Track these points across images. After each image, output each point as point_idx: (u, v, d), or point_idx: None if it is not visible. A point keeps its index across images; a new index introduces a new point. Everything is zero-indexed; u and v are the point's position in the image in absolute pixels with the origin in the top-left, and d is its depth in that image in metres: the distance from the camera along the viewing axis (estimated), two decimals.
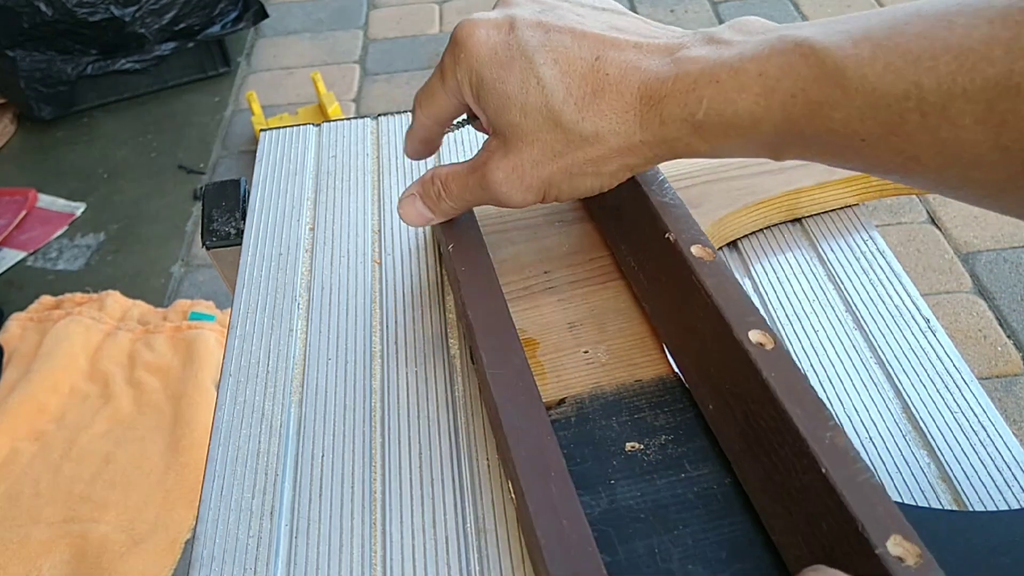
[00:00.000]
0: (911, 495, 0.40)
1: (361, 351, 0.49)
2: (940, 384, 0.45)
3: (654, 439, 0.40)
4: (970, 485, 0.40)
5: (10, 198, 1.91)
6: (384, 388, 0.47)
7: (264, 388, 0.48)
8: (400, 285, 0.53)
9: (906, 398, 0.44)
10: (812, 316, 0.49)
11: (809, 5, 2.31)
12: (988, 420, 0.43)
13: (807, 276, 0.51)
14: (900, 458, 0.42)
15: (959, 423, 0.43)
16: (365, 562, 0.39)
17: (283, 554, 0.40)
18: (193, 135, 2.11)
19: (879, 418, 0.43)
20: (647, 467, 0.39)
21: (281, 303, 0.53)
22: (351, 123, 0.68)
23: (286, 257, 0.55)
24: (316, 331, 0.51)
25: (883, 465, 0.41)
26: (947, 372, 0.45)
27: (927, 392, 0.44)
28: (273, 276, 0.54)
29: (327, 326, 0.51)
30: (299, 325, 0.51)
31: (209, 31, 2.19)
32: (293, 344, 0.50)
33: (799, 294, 0.50)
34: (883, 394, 0.45)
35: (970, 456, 0.41)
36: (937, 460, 0.42)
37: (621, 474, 0.39)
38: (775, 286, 0.51)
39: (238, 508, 0.42)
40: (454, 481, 0.42)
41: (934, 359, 0.46)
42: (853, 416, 0.44)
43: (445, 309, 0.51)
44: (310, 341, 0.50)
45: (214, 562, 0.40)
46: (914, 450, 0.42)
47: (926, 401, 0.44)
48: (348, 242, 0.56)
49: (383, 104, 2.12)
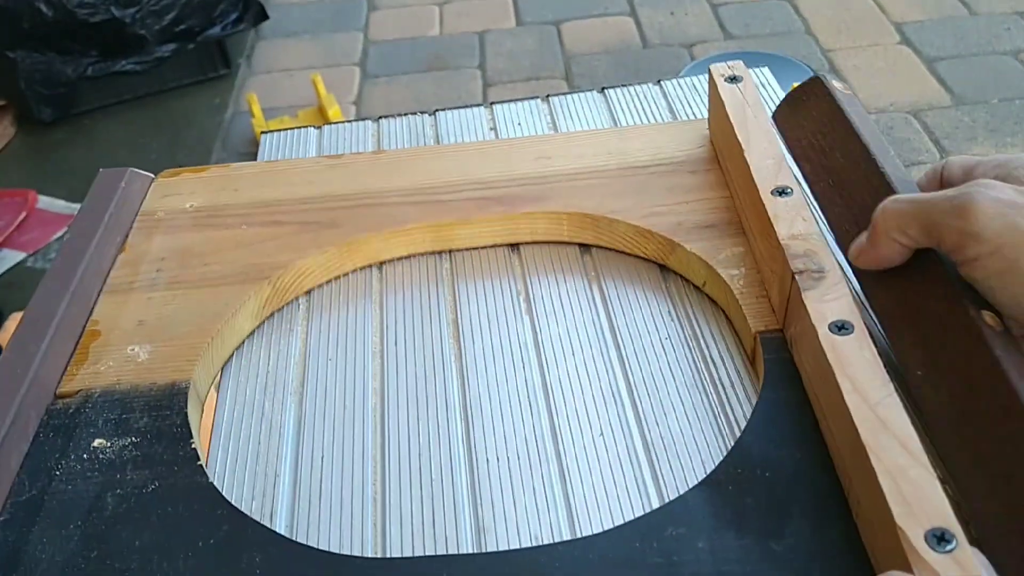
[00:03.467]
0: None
1: (361, 351, 0.49)
2: None
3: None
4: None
5: (10, 199, 1.91)
6: (384, 388, 0.47)
7: (264, 388, 0.48)
8: (400, 285, 0.53)
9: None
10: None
11: (808, 7, 2.31)
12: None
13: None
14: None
15: None
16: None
17: None
18: (193, 137, 2.10)
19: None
20: None
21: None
22: (351, 125, 0.68)
23: None
24: (316, 331, 0.51)
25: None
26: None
27: None
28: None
29: (327, 326, 0.51)
30: (299, 325, 0.51)
31: (209, 33, 2.19)
32: (293, 344, 0.50)
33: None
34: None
35: None
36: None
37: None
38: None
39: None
40: (454, 481, 0.42)
41: None
42: None
43: (445, 309, 0.51)
44: (310, 341, 0.50)
45: None
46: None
47: None
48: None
49: (383, 106, 2.11)
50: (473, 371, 0.47)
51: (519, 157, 0.58)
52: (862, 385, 0.37)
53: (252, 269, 0.52)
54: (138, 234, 0.57)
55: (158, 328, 0.50)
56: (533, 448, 0.43)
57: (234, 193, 0.59)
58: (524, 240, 0.55)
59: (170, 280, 0.53)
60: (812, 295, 0.41)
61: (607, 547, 0.37)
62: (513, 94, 2.08)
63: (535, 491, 0.41)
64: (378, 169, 0.59)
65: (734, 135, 0.51)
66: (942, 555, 0.30)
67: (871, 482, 0.34)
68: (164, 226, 0.57)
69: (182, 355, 0.48)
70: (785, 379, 0.43)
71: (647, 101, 0.67)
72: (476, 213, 0.55)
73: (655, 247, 0.52)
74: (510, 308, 0.51)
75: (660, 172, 0.56)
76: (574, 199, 0.55)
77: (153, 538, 0.39)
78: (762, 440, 0.40)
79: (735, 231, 0.51)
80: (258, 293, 0.51)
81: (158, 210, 0.58)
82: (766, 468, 0.39)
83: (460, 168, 0.58)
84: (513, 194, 0.55)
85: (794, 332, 0.43)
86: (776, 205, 0.46)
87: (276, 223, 0.56)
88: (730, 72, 0.56)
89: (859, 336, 0.39)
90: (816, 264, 0.43)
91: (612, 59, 2.19)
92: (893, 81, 2.00)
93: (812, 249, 0.43)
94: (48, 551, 0.39)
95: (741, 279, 0.48)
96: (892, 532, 0.32)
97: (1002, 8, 2.21)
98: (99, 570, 0.38)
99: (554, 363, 0.48)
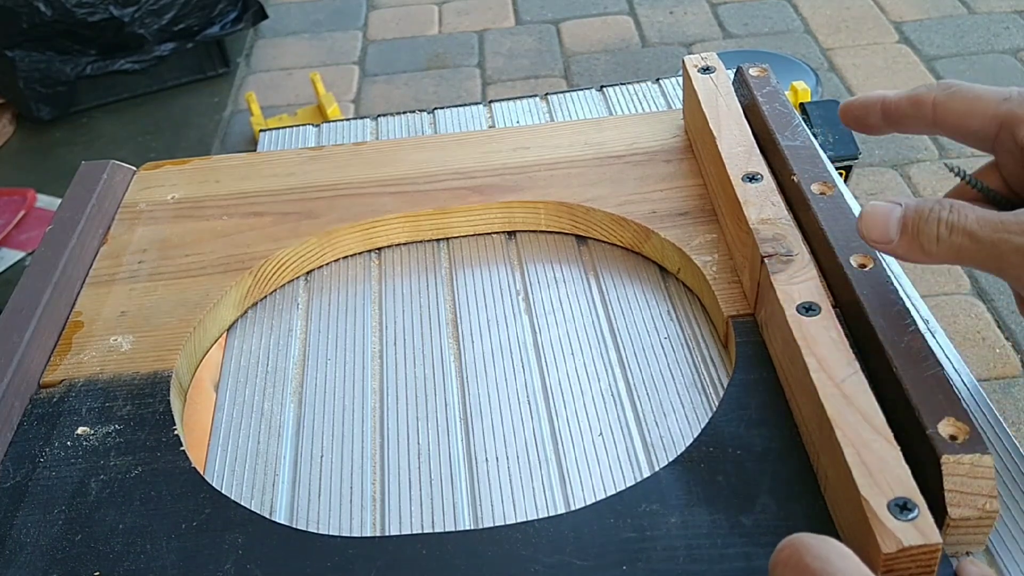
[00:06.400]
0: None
1: (361, 351, 0.49)
2: None
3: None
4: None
5: (9, 198, 1.91)
6: (384, 388, 0.47)
7: (264, 388, 0.48)
8: (400, 285, 0.53)
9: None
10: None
11: (807, 5, 2.31)
12: (988, 422, 0.42)
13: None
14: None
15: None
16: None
17: None
18: (192, 136, 2.11)
19: None
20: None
21: (281, 303, 0.53)
22: (350, 124, 0.69)
23: None
24: (316, 331, 0.51)
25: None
26: (947, 373, 0.45)
27: None
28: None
29: (327, 326, 0.51)
30: (299, 325, 0.52)
31: (208, 32, 2.19)
32: (293, 344, 0.51)
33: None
34: None
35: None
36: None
37: None
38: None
39: None
40: (453, 481, 0.42)
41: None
42: None
43: (445, 309, 0.51)
44: (310, 341, 0.51)
45: None
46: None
47: None
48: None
49: (382, 105, 2.12)
50: (472, 371, 0.48)
51: (497, 147, 0.59)
52: (828, 363, 0.37)
53: (232, 260, 0.53)
54: (120, 226, 0.57)
55: (140, 318, 0.50)
56: (532, 449, 0.43)
57: (216, 185, 0.59)
58: (498, 230, 0.56)
59: (152, 271, 0.53)
60: (780, 278, 0.42)
61: (582, 523, 0.38)
62: (512, 93, 2.09)
63: (535, 492, 0.41)
64: (358, 160, 0.60)
65: (707, 124, 0.52)
66: (904, 523, 0.31)
67: (836, 455, 0.34)
68: (146, 218, 0.57)
69: (164, 345, 0.49)
70: (756, 361, 0.43)
71: (646, 100, 0.67)
72: (454, 203, 0.55)
73: (631, 235, 0.53)
74: (509, 308, 0.51)
75: (636, 161, 0.57)
76: (551, 188, 0.55)
77: (136, 521, 0.40)
78: (733, 420, 0.41)
79: (708, 218, 0.52)
80: (239, 283, 0.52)
81: (140, 202, 0.59)
82: (737, 447, 0.39)
83: (439, 158, 0.59)
84: (491, 184, 0.56)
85: (764, 315, 0.44)
86: (746, 191, 0.47)
87: (256, 214, 0.56)
88: (703, 63, 0.57)
89: (825, 317, 0.40)
90: (784, 248, 0.43)
91: (611, 58, 2.19)
92: (892, 80, 2.00)
93: (780, 233, 0.44)
94: (32, 535, 0.39)
95: (714, 265, 0.49)
96: (857, 502, 0.33)
97: (1001, 7, 2.21)
98: (83, 553, 0.39)
99: (553, 363, 0.48)
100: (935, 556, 0.31)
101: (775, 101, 0.52)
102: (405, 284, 0.53)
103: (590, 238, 0.55)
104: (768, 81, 0.54)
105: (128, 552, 0.38)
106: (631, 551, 0.36)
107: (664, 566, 0.36)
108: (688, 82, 0.56)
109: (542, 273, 0.53)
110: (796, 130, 0.50)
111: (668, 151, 0.57)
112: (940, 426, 0.34)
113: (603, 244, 0.54)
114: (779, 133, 0.50)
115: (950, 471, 0.33)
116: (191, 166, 0.62)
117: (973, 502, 0.33)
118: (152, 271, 0.53)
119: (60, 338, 0.50)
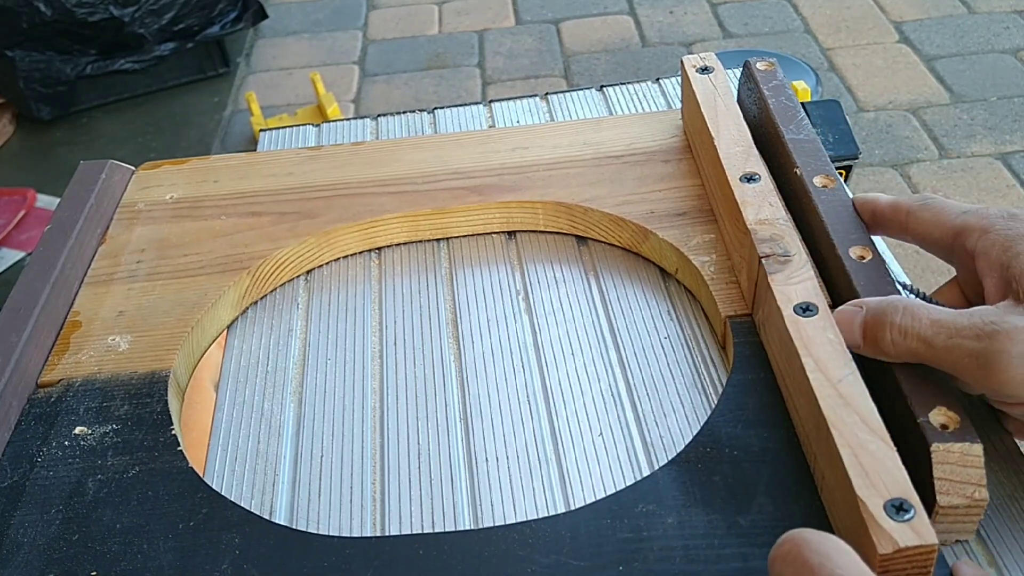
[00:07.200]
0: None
1: (361, 351, 0.49)
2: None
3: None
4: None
5: (9, 198, 1.91)
6: (384, 388, 0.47)
7: (264, 388, 0.48)
8: (400, 285, 0.53)
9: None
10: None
11: (807, 5, 2.31)
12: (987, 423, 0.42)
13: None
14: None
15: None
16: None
17: None
18: (192, 136, 2.11)
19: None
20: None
21: (281, 303, 0.53)
22: (350, 123, 0.69)
23: None
24: (316, 331, 0.51)
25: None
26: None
27: None
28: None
29: (327, 326, 0.51)
30: (299, 325, 0.52)
31: (208, 31, 2.19)
32: (293, 344, 0.51)
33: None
34: None
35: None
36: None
37: None
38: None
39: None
40: (453, 481, 0.42)
41: None
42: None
43: (445, 309, 0.51)
44: (310, 341, 0.51)
45: None
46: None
47: None
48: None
49: (382, 105, 2.12)
50: (472, 371, 0.48)
51: (496, 147, 0.59)
52: (825, 364, 0.37)
53: (231, 259, 0.53)
54: (118, 225, 0.57)
55: (138, 318, 0.50)
56: (532, 449, 0.43)
57: (214, 185, 0.59)
58: (497, 230, 0.56)
59: (150, 271, 0.53)
60: (778, 278, 0.42)
61: (578, 523, 0.38)
62: (512, 93, 2.09)
63: (535, 492, 0.41)
64: (357, 160, 0.60)
65: (705, 124, 0.52)
66: (900, 523, 0.31)
67: (833, 456, 0.34)
68: (144, 217, 0.57)
69: (162, 345, 0.49)
70: (754, 362, 0.43)
71: (646, 99, 0.67)
72: (452, 203, 0.55)
73: (629, 235, 0.53)
74: (509, 309, 0.51)
75: (634, 162, 0.57)
76: (549, 188, 0.55)
77: (133, 521, 0.40)
78: (731, 421, 0.41)
79: (707, 219, 0.52)
80: (237, 283, 0.52)
81: (138, 202, 0.59)
82: (734, 447, 0.39)
83: (438, 159, 0.59)
84: (489, 184, 0.56)
85: (762, 315, 0.44)
86: (744, 191, 0.47)
87: (254, 214, 0.56)
88: (702, 63, 0.56)
89: (823, 317, 0.39)
90: (782, 248, 0.43)
91: (611, 58, 2.19)
92: (892, 79, 2.00)
93: (778, 234, 0.44)
94: (30, 535, 0.39)
95: (712, 265, 0.49)
96: (853, 503, 0.33)
97: (1001, 7, 2.21)
98: (80, 553, 0.39)
99: (553, 363, 0.48)
100: (931, 557, 0.31)
101: (781, 95, 0.52)
102: (405, 284, 0.53)
103: (589, 238, 0.55)
104: (775, 75, 0.54)
105: (125, 552, 0.38)
106: (628, 551, 0.36)
107: (661, 567, 0.36)
108: (687, 82, 0.56)
109: (542, 273, 0.53)
110: (800, 124, 0.50)
111: (666, 151, 0.57)
112: (931, 415, 0.35)
113: (603, 244, 0.54)
114: (784, 126, 0.50)
115: (940, 459, 0.34)
116: (189, 166, 0.62)
117: (962, 490, 0.34)
118: (150, 271, 0.53)
119: (58, 338, 0.50)
